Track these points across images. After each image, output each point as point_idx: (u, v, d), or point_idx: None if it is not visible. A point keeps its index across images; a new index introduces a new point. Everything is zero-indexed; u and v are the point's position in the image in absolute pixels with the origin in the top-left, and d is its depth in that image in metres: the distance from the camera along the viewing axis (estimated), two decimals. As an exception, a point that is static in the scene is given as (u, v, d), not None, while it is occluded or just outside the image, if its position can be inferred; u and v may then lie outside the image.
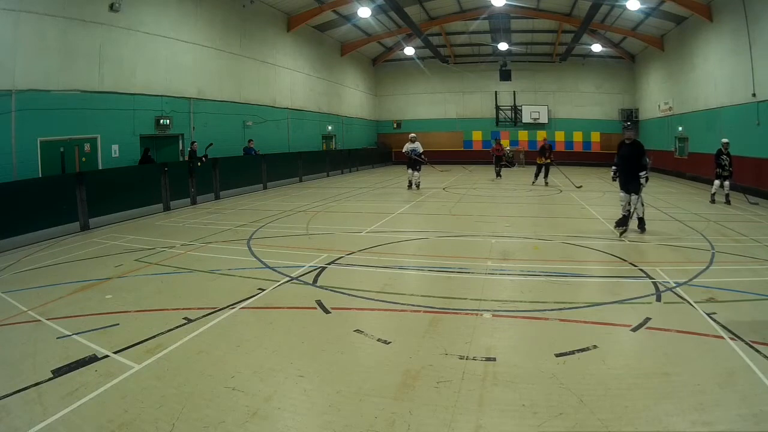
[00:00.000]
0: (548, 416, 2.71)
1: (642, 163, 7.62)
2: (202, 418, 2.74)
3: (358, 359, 3.53)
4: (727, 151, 11.07)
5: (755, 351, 3.42)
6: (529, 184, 15.86)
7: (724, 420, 2.63)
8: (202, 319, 4.23)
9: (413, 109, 29.16)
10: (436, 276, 5.66)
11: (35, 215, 8.02)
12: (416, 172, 14.37)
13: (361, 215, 10.06)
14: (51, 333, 3.96)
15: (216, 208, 11.33)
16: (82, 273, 5.84)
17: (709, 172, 15.55)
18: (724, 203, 11.03)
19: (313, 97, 21.49)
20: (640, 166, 7.58)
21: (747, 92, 13.53)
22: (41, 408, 2.84)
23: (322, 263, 6.05)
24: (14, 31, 9.10)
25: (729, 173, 11.07)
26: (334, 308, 4.50)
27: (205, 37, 14.52)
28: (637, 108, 25.23)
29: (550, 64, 26.82)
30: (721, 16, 15.11)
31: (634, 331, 3.90)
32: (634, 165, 7.63)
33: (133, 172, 11.00)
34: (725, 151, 11.07)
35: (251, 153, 15.56)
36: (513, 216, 9.97)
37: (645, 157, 7.76)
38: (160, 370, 3.31)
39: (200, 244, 7.31)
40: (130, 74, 11.79)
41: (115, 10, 11.17)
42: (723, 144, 11.16)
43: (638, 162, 7.61)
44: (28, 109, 9.31)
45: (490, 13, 21.02)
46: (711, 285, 4.99)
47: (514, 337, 3.92)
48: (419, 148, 14.30)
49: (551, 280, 5.39)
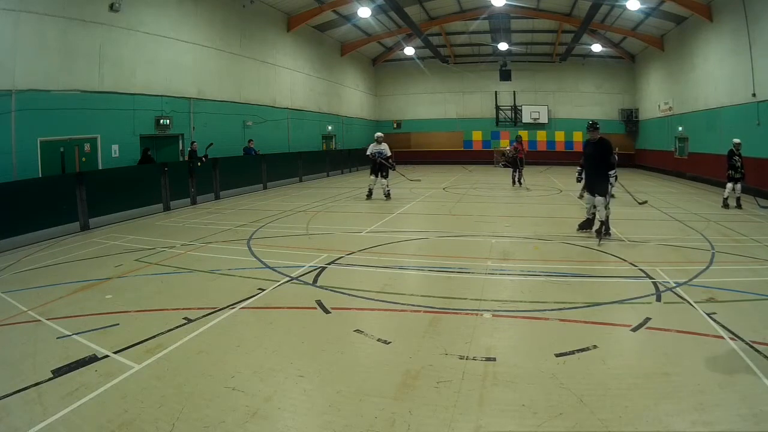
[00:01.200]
0: (548, 416, 2.71)
1: (610, 162, 7.33)
2: (202, 418, 2.74)
3: (358, 359, 3.53)
4: (739, 152, 10.47)
5: (755, 351, 3.42)
6: (529, 184, 15.84)
7: (724, 420, 2.63)
8: (202, 319, 4.22)
9: (413, 109, 29.16)
10: (436, 276, 5.66)
11: (35, 215, 8.02)
12: (383, 179, 12.21)
13: (361, 215, 10.06)
14: (51, 333, 3.96)
15: (216, 208, 11.33)
16: (82, 273, 5.84)
17: (709, 172, 15.61)
18: (735, 207, 10.44)
19: (313, 97, 21.49)
20: (609, 165, 7.29)
21: (747, 92, 13.53)
22: (41, 408, 2.84)
23: (322, 263, 6.05)
24: (14, 31, 9.10)
25: (741, 175, 10.42)
26: (334, 308, 4.50)
27: (205, 37, 14.52)
28: (637, 108, 25.23)
29: (550, 64, 26.82)
30: (721, 16, 15.11)
31: (634, 331, 3.90)
32: (601, 165, 7.29)
33: (133, 172, 10.99)
34: (737, 151, 10.47)
35: (251, 153, 15.56)
36: (513, 216, 9.97)
37: (613, 155, 7.49)
38: (160, 370, 3.31)
39: (200, 244, 7.31)
40: (130, 74, 11.79)
41: (115, 10, 11.17)
42: (735, 144, 10.55)
43: (605, 161, 7.27)
44: (28, 109, 9.31)
45: (490, 13, 21.02)
46: (711, 285, 4.99)
47: (514, 337, 3.92)
48: (386, 151, 12.31)
49: (551, 280, 5.39)
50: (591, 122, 7.72)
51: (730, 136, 12.15)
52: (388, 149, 12.37)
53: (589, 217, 7.73)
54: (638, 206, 9.82)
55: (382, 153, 12.22)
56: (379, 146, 12.28)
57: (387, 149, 12.33)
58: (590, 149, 7.54)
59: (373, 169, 12.33)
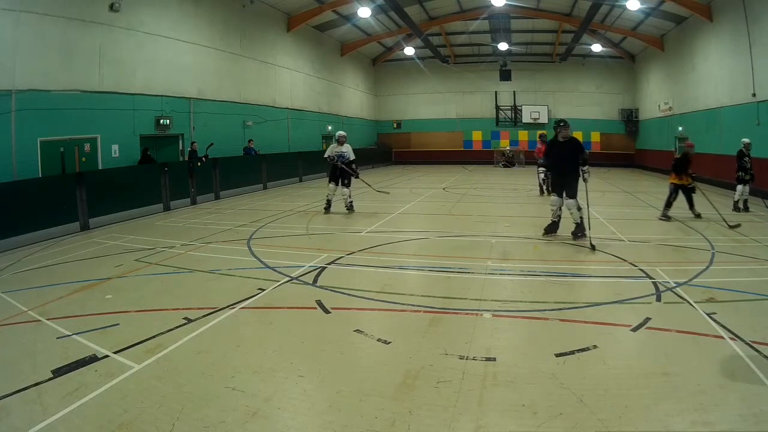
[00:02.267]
0: (548, 416, 2.71)
1: (584, 158, 7.02)
2: (202, 418, 2.74)
3: (358, 359, 3.53)
4: (748, 152, 10.04)
5: (755, 351, 3.42)
6: (530, 184, 15.83)
7: (724, 420, 2.63)
8: (202, 319, 4.22)
9: (413, 109, 29.17)
10: (436, 276, 5.66)
11: (35, 215, 8.02)
12: (345, 189, 9.99)
13: (361, 215, 10.05)
14: (51, 333, 3.96)
15: (216, 208, 11.33)
16: (82, 273, 5.84)
17: (709, 173, 15.59)
18: (743, 210, 10.06)
19: (313, 97, 21.49)
20: (584, 161, 6.99)
21: (747, 92, 13.53)
22: (41, 408, 2.84)
23: (322, 263, 6.05)
24: (14, 31, 9.10)
25: (751, 176, 9.94)
26: (334, 308, 4.50)
27: (205, 37, 14.52)
28: (637, 108, 25.24)
29: (550, 64, 26.83)
30: (721, 16, 15.12)
31: (634, 331, 3.90)
32: (573, 165, 6.99)
33: (133, 172, 11.00)
34: (747, 152, 10.03)
35: (251, 153, 15.56)
36: (513, 216, 9.97)
37: (585, 152, 7.19)
38: (160, 370, 3.31)
39: (200, 244, 7.31)
40: (130, 74, 11.80)
41: (115, 10, 11.17)
42: (744, 144, 10.10)
43: (577, 161, 6.98)
44: (28, 109, 9.31)
45: (490, 13, 21.02)
46: (711, 285, 4.99)
47: (514, 337, 3.92)
48: (350, 154, 10.00)
49: (551, 280, 5.39)
50: (562, 121, 7.36)
51: (731, 136, 12.13)
52: (352, 152, 10.09)
53: (555, 220, 7.48)
54: (637, 207, 9.81)
55: (343, 156, 9.96)
56: (341, 148, 10.02)
57: (350, 152, 10.04)
58: (561, 149, 7.19)
59: (333, 175, 10.11)
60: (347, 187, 10.02)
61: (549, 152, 7.16)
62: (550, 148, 7.25)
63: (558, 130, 7.29)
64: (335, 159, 9.99)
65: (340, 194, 10.09)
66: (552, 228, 7.59)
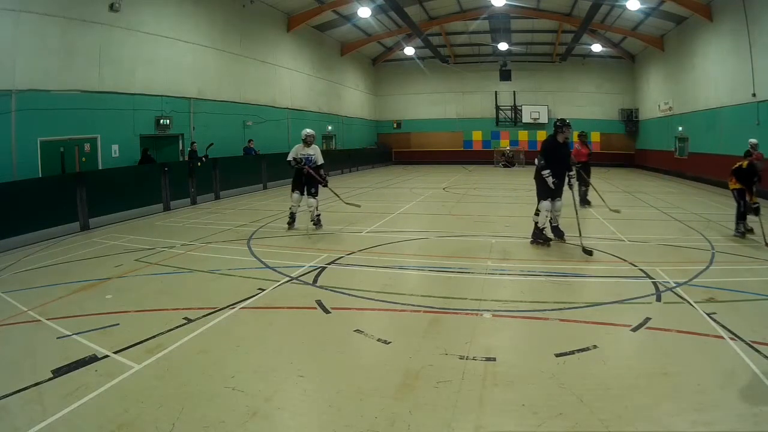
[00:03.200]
0: (548, 416, 2.71)
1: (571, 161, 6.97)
2: (202, 418, 2.74)
3: (358, 359, 3.54)
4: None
5: (755, 351, 3.42)
6: (529, 184, 15.80)
7: (724, 420, 2.63)
8: (202, 319, 4.22)
9: (413, 109, 29.17)
10: (436, 276, 5.66)
11: (35, 215, 8.01)
12: (311, 199, 8.23)
13: (361, 215, 10.05)
14: (51, 333, 3.96)
15: (216, 208, 11.33)
16: (82, 273, 5.84)
17: (710, 173, 15.61)
18: None
19: (313, 97, 21.48)
20: (568, 166, 6.92)
21: (747, 92, 13.53)
22: (41, 408, 2.84)
23: (322, 263, 6.05)
24: (14, 31, 9.10)
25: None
26: (334, 308, 4.50)
27: (205, 37, 14.52)
28: (637, 108, 25.24)
29: (550, 64, 26.83)
30: (721, 16, 15.12)
31: (634, 331, 3.90)
32: (565, 168, 6.92)
33: (133, 172, 11.00)
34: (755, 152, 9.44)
35: (251, 153, 15.56)
36: (513, 216, 9.96)
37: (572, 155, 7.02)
38: (160, 370, 3.31)
39: (200, 244, 7.31)
40: (130, 74, 11.79)
41: (115, 10, 11.17)
42: (752, 144, 9.55)
43: (568, 163, 6.93)
44: (28, 109, 9.31)
45: (490, 13, 21.03)
46: (711, 285, 4.99)
47: (514, 337, 3.93)
48: (318, 157, 8.26)
49: (551, 280, 5.39)
50: (565, 120, 7.05)
51: (731, 136, 12.13)
52: (320, 155, 8.33)
53: (555, 224, 7.27)
54: (638, 207, 9.81)
55: (310, 159, 8.21)
56: (308, 150, 8.24)
57: (319, 155, 8.29)
58: (563, 150, 6.94)
59: (298, 182, 8.29)
60: (314, 197, 8.26)
61: (550, 155, 6.85)
62: (550, 151, 6.85)
63: (562, 130, 6.89)
64: (302, 162, 8.15)
65: (306, 205, 8.34)
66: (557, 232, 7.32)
